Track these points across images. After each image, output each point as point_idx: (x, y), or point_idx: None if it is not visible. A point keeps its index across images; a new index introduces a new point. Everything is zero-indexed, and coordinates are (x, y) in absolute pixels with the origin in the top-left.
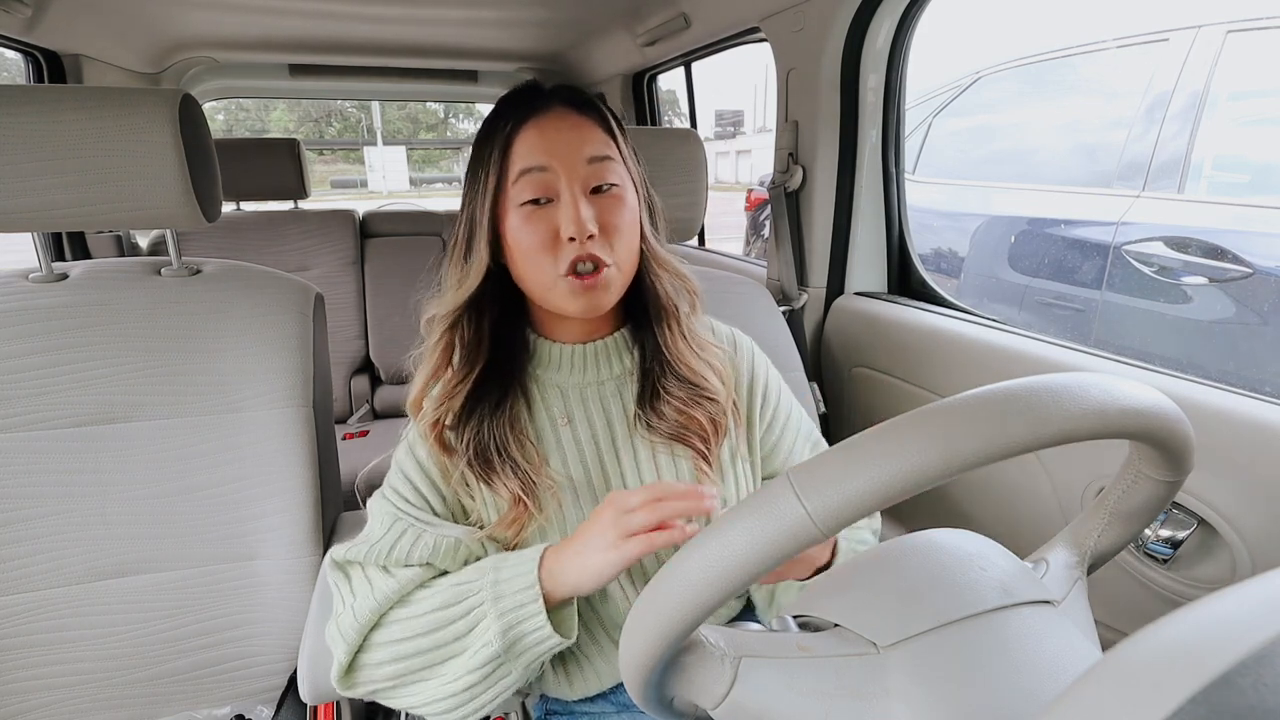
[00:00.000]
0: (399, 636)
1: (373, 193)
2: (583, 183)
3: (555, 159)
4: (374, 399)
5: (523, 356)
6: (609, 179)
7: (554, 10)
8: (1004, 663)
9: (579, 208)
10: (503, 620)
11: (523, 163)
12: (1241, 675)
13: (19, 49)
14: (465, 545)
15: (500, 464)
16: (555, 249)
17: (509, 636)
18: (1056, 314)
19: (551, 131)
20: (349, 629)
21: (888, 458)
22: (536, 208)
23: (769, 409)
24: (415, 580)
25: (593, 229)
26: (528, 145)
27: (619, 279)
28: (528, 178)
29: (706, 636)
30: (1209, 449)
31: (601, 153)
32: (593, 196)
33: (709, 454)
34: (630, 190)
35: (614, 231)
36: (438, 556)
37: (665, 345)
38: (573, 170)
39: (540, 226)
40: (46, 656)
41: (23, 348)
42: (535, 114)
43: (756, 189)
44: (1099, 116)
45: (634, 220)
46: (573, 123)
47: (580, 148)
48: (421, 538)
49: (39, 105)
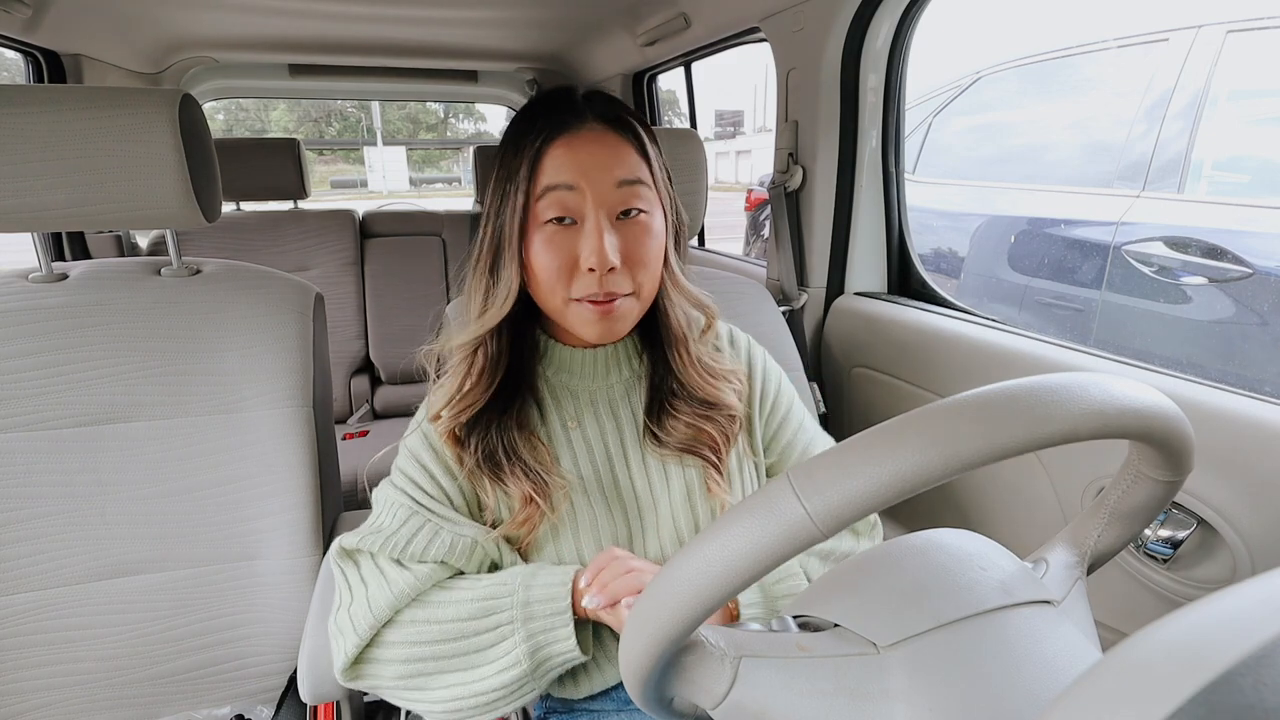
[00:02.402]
0: (414, 639)
1: (372, 193)
2: (610, 208)
3: (584, 179)
4: (374, 399)
5: (533, 358)
6: (638, 204)
7: (554, 10)
8: (1004, 663)
9: (603, 237)
10: (532, 641)
11: (549, 179)
12: (1242, 675)
13: (19, 49)
14: (481, 546)
15: (510, 466)
16: (573, 276)
17: (537, 657)
18: (1056, 314)
19: (583, 149)
20: (361, 621)
21: (888, 458)
22: (559, 228)
23: (768, 403)
24: (432, 579)
25: (614, 261)
26: (556, 161)
27: (637, 309)
28: (553, 194)
29: (706, 636)
30: (1209, 449)
31: (633, 175)
32: (619, 223)
33: (720, 464)
34: (659, 216)
35: (637, 264)
36: (454, 556)
37: (677, 369)
38: (600, 194)
39: (561, 249)
40: (47, 656)
41: (23, 348)
42: (567, 129)
43: (756, 189)
44: (1099, 117)
45: (659, 249)
46: (606, 141)
47: (611, 169)
48: (439, 535)
49: (39, 105)
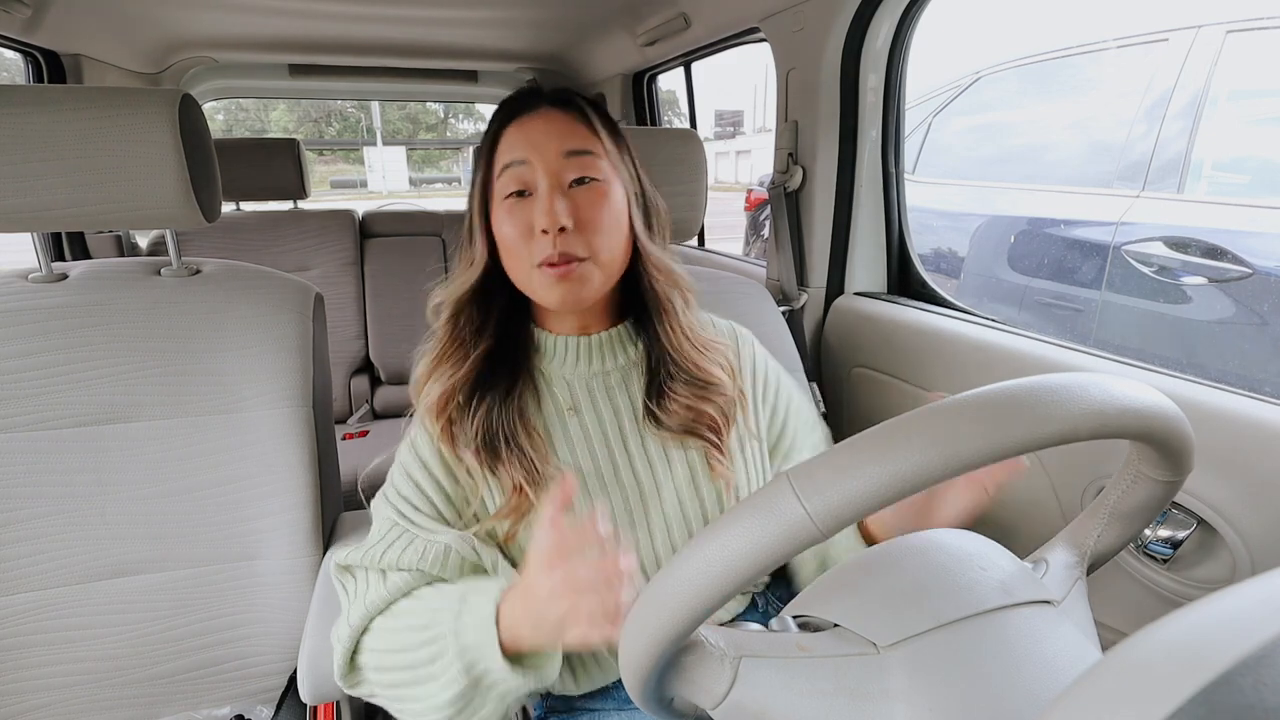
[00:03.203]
0: (381, 646)
1: (372, 193)
2: (557, 176)
3: (533, 152)
4: (374, 399)
5: (528, 349)
6: (589, 173)
7: (554, 10)
8: (1004, 663)
9: (552, 200)
10: (464, 658)
11: (505, 158)
12: (1242, 675)
13: (19, 49)
14: (455, 551)
15: (507, 453)
16: (530, 241)
17: (472, 674)
18: (1056, 314)
19: (534, 127)
20: (343, 631)
21: (888, 458)
22: (518, 200)
23: (770, 394)
24: (402, 588)
25: (565, 222)
26: (510, 140)
27: (598, 274)
28: (509, 171)
29: (706, 636)
30: (1209, 449)
31: (580, 147)
32: (571, 190)
33: (720, 444)
34: (617, 186)
35: (591, 226)
36: (426, 562)
37: (669, 344)
38: (548, 163)
39: (519, 219)
40: (46, 656)
41: (22, 348)
42: (522, 112)
43: (756, 189)
44: (1099, 117)
45: (618, 216)
46: (554, 118)
47: (559, 141)
48: (413, 543)
49: (39, 105)
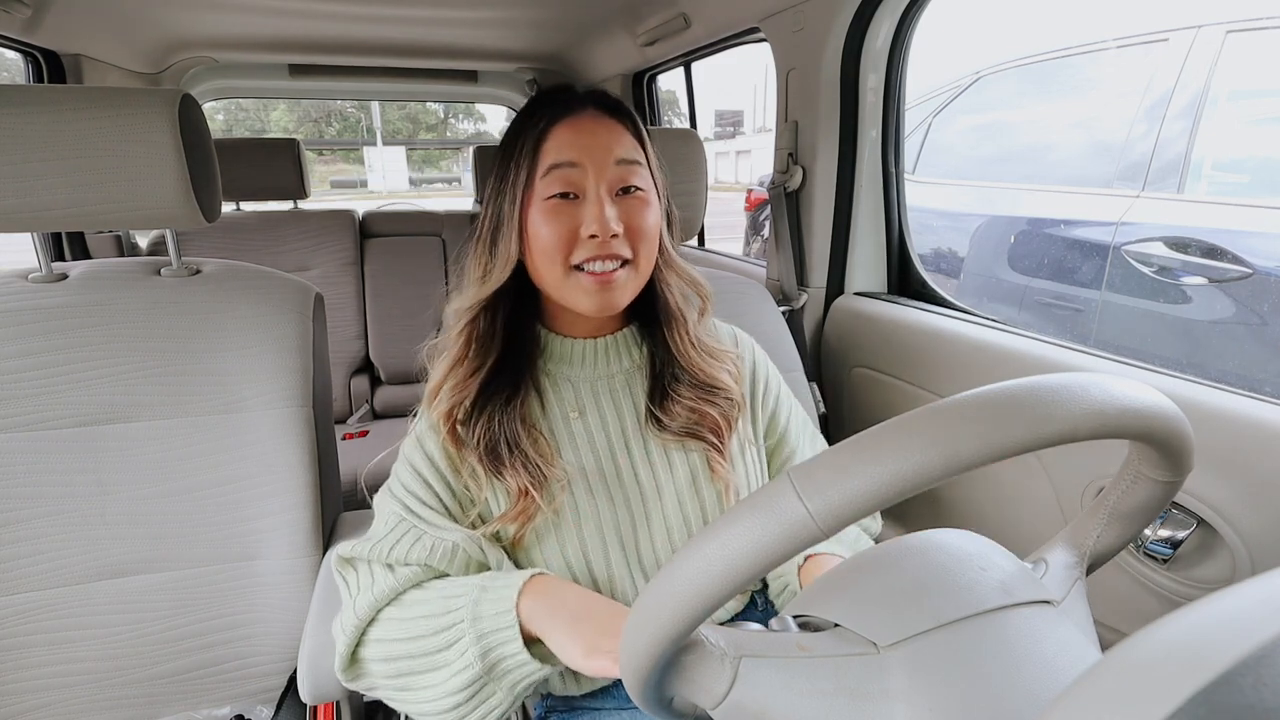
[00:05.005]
0: (389, 636)
1: (372, 193)
2: (610, 183)
3: (586, 156)
4: (374, 399)
5: (533, 351)
6: (636, 182)
7: (554, 10)
8: (1004, 663)
9: (604, 206)
10: (481, 643)
11: (553, 158)
12: (1242, 675)
13: (19, 49)
14: (463, 549)
15: (511, 458)
16: (574, 245)
17: (488, 660)
18: (1056, 314)
19: (584, 130)
20: (349, 622)
21: (889, 457)
22: (562, 203)
23: (770, 400)
24: (411, 580)
25: (616, 229)
26: (559, 141)
27: (634, 280)
28: (557, 172)
29: (706, 636)
30: (1209, 449)
31: (631, 156)
32: (618, 198)
33: (722, 447)
34: (654, 196)
35: (638, 234)
36: (434, 558)
37: (676, 351)
38: (601, 169)
39: (563, 221)
40: (46, 657)
41: (22, 348)
42: (569, 113)
43: (756, 189)
44: (1099, 117)
45: (656, 224)
46: (605, 125)
47: (611, 148)
48: (421, 539)
49: (39, 105)
